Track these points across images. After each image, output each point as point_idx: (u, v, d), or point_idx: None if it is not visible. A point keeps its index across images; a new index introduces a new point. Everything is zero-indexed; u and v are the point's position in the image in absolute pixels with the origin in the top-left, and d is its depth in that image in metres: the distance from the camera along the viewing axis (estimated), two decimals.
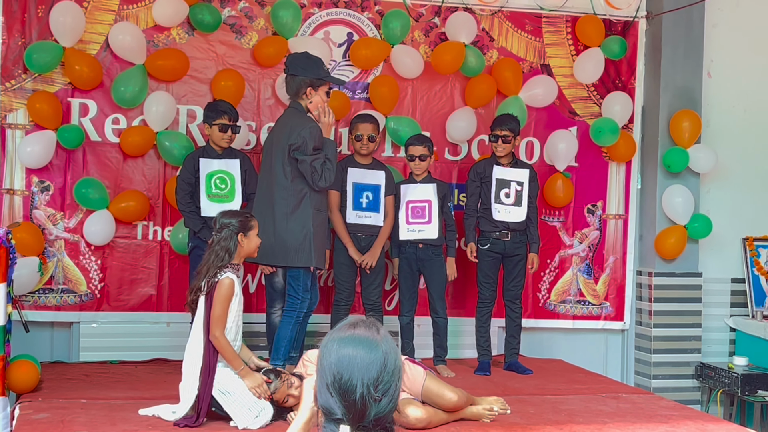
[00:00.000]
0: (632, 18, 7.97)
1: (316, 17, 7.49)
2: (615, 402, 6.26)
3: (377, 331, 2.66)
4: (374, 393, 2.57)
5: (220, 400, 5.22)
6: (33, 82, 6.93)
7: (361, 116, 7.10)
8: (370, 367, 2.58)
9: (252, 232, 5.44)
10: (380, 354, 2.60)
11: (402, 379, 2.68)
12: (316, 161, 6.00)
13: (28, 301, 6.90)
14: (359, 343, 2.61)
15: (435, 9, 7.67)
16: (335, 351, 2.61)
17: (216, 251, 5.30)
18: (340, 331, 2.66)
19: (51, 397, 5.84)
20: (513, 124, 7.06)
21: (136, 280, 7.17)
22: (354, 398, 2.56)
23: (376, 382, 2.58)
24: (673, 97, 7.91)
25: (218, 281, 5.24)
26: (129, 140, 7.02)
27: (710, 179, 8.07)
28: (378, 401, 2.58)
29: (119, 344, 7.09)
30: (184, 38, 7.24)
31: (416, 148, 6.97)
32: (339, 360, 2.59)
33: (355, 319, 2.71)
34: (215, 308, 5.21)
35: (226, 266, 5.28)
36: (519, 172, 7.11)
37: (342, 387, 2.57)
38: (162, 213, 7.19)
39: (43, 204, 6.98)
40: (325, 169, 6.01)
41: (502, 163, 7.10)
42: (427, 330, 7.23)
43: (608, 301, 8.02)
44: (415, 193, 6.96)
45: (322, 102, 6.11)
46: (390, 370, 2.60)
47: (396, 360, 2.63)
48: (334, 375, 2.58)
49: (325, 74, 6.19)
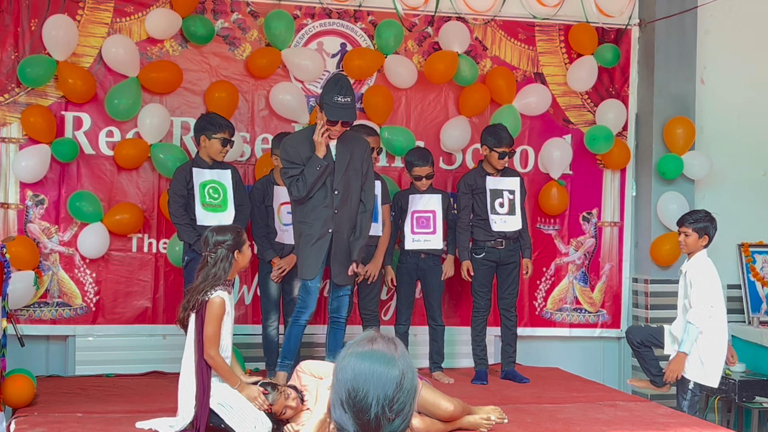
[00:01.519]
0: (625, 26, 7.98)
1: (309, 28, 7.49)
2: (612, 410, 6.25)
3: (395, 347, 2.59)
4: (389, 413, 2.51)
5: (221, 413, 5.21)
6: (26, 96, 6.93)
7: (419, 156, 7.10)
8: (387, 385, 2.51)
9: (245, 246, 5.41)
10: (397, 372, 2.53)
11: (416, 399, 2.63)
12: (286, 176, 6.15)
13: (23, 315, 6.88)
14: (377, 359, 2.54)
15: (428, 19, 7.68)
16: (352, 366, 2.54)
17: (214, 273, 5.26)
18: (358, 346, 2.59)
19: (47, 411, 5.81)
20: (510, 140, 7.10)
21: (131, 293, 7.16)
22: (368, 417, 2.50)
23: (392, 402, 2.51)
24: (666, 104, 7.92)
25: (209, 300, 5.20)
26: (123, 153, 7.02)
27: (705, 186, 8.08)
28: (392, 421, 2.52)
29: (115, 357, 7.08)
30: (177, 50, 7.24)
31: (423, 168, 6.98)
32: (355, 376, 2.52)
33: (374, 333, 2.64)
34: (207, 328, 5.18)
35: (218, 284, 5.25)
36: (510, 180, 7.12)
37: (357, 405, 2.51)
38: (157, 225, 7.19)
39: (38, 217, 6.97)
40: (293, 183, 6.09)
41: (492, 174, 7.09)
42: (422, 339, 7.23)
43: (604, 308, 8.02)
44: (421, 203, 6.96)
45: (320, 120, 6.09)
46: (406, 389, 2.54)
47: (413, 379, 2.57)
48: (349, 391, 2.52)
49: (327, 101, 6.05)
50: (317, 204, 6.12)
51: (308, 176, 6.06)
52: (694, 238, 6.34)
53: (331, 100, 6.04)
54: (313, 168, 6.07)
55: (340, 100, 6.06)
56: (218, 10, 7.31)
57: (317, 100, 6.23)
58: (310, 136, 6.14)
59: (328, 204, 6.13)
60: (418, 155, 7.07)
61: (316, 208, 6.13)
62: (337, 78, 6.25)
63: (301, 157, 6.10)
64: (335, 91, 6.07)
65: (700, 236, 6.31)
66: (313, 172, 6.06)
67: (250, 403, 5.24)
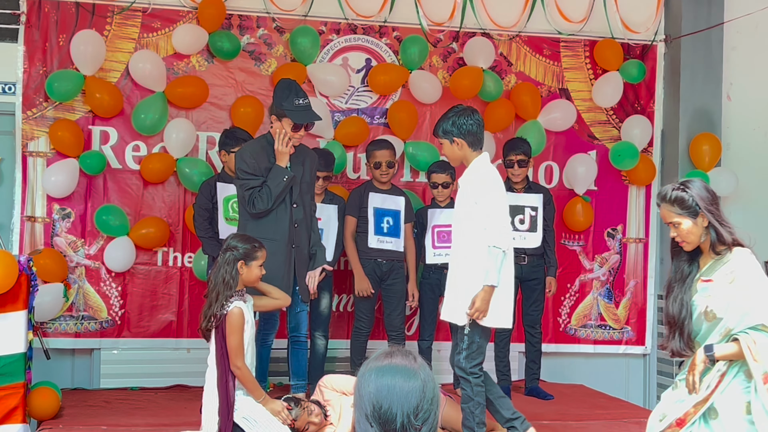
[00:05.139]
0: (650, 41, 7.97)
1: (334, 44, 7.52)
2: (637, 427, 6.20)
3: (414, 359, 2.64)
4: (414, 422, 2.54)
5: (245, 427, 5.21)
6: (54, 110, 6.99)
7: (376, 143, 7.05)
8: (410, 395, 2.55)
9: (255, 262, 5.27)
10: (419, 382, 2.57)
11: (439, 407, 2.66)
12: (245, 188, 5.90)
13: (49, 328, 6.92)
14: (398, 372, 2.58)
15: (453, 34, 7.69)
16: (374, 381, 2.57)
17: (222, 277, 5.23)
18: (377, 361, 2.63)
19: (72, 424, 5.85)
20: (526, 147, 7.04)
21: (156, 307, 7.19)
22: (395, 428, 2.53)
23: (416, 411, 2.55)
24: (692, 120, 7.89)
25: (227, 313, 5.19)
26: (149, 167, 7.06)
27: (731, 202, 8.02)
28: (418, 430, 2.55)
29: (139, 371, 7.10)
30: (203, 65, 7.29)
31: (439, 176, 6.97)
32: (378, 390, 2.55)
33: (391, 348, 2.68)
34: (230, 340, 5.17)
35: (232, 295, 5.23)
36: (532, 197, 7.08)
37: (382, 417, 2.54)
38: (182, 239, 7.22)
39: (64, 231, 7.02)
40: (256, 195, 5.86)
41: (516, 189, 7.07)
42: (446, 355, 7.19)
43: (629, 325, 7.98)
44: (441, 218, 6.95)
45: (281, 129, 5.94)
46: (429, 398, 2.58)
47: (434, 388, 2.60)
48: (374, 405, 2.55)
49: (288, 106, 5.90)
50: (279, 218, 5.94)
51: (273, 188, 5.85)
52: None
53: (292, 105, 5.89)
54: (279, 179, 5.87)
55: (300, 102, 5.93)
56: (244, 26, 7.36)
57: (272, 110, 6.01)
58: (267, 146, 5.98)
59: (288, 218, 5.97)
60: (437, 164, 7.08)
61: (279, 222, 5.94)
62: (288, 83, 6.07)
63: (260, 168, 5.91)
64: (293, 95, 5.93)
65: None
66: (279, 183, 5.86)
67: (275, 418, 5.25)
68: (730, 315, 4.06)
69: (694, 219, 4.15)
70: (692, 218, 4.15)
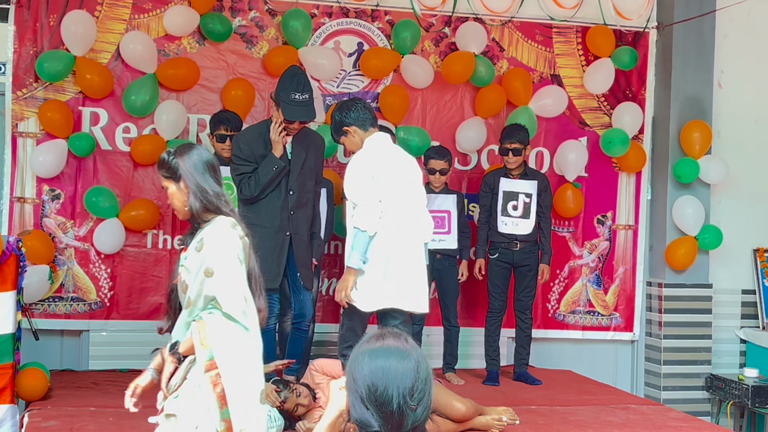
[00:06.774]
0: (643, 28, 7.96)
1: (326, 27, 7.50)
2: (624, 413, 6.24)
3: (406, 340, 2.66)
4: (410, 402, 2.56)
5: None
6: (44, 91, 6.95)
7: (437, 150, 7.09)
8: (405, 376, 2.57)
9: None
10: (413, 363, 2.59)
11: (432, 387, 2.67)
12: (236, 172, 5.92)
13: (38, 309, 6.91)
14: (391, 353, 2.60)
15: (445, 19, 7.68)
16: (367, 363, 2.59)
17: None
18: (368, 344, 2.64)
19: (60, 405, 5.85)
20: (522, 135, 7.04)
21: (145, 289, 7.18)
22: (391, 409, 2.55)
23: (412, 391, 2.57)
24: (683, 107, 7.89)
25: None
26: (139, 149, 7.04)
27: (721, 190, 8.05)
28: (414, 410, 2.57)
29: (128, 353, 7.07)
30: (194, 48, 7.26)
31: (438, 162, 6.98)
32: (372, 372, 2.57)
33: (381, 330, 2.70)
34: None
35: None
36: (527, 183, 7.09)
37: (378, 399, 2.55)
38: (172, 222, 7.20)
39: (54, 212, 7.00)
40: (245, 182, 5.85)
41: (512, 175, 7.08)
42: (436, 340, 7.22)
43: (618, 311, 8.00)
44: (435, 203, 6.95)
45: (276, 118, 5.92)
46: (423, 378, 2.60)
47: (427, 368, 2.62)
48: (369, 387, 2.56)
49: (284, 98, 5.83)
50: (271, 204, 5.92)
51: (262, 176, 5.83)
52: None
53: (288, 98, 5.79)
54: (269, 168, 5.84)
55: (297, 97, 5.80)
56: (236, 8, 7.33)
57: (272, 95, 5.99)
58: (265, 132, 5.97)
59: (283, 205, 5.93)
60: (435, 150, 7.10)
61: (271, 209, 5.91)
62: (294, 72, 5.97)
63: (254, 155, 5.89)
64: (292, 87, 5.81)
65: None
66: (268, 172, 5.84)
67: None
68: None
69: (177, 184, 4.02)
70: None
